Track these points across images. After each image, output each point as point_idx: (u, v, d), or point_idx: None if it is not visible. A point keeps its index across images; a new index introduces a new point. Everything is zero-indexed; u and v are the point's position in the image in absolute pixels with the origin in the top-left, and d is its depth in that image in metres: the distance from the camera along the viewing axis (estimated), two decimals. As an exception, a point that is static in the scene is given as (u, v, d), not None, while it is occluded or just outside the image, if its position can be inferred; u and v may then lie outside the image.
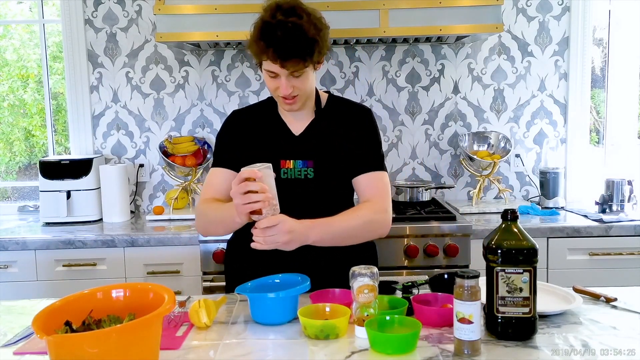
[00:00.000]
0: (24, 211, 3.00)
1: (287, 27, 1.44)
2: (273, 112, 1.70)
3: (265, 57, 1.48)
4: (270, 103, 1.72)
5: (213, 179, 1.68)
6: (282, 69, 1.48)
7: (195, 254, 2.40)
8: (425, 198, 2.77)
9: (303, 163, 1.61)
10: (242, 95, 2.95)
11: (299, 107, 1.61)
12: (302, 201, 1.60)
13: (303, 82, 1.54)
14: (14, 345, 1.27)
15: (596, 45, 3.08)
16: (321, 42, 1.50)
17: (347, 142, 1.64)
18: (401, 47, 2.93)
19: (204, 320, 1.32)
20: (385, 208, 1.61)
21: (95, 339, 0.97)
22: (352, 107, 1.72)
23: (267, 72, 1.53)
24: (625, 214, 2.59)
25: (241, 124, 1.71)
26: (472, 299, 1.13)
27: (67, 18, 2.88)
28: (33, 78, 3.16)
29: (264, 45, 1.46)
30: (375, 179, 1.63)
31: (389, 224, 1.62)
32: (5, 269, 2.43)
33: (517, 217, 1.25)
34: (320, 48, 1.50)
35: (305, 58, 1.47)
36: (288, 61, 1.46)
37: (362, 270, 1.26)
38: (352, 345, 1.21)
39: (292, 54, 1.45)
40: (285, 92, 1.52)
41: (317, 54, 1.49)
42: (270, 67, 1.50)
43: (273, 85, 1.55)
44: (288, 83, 1.51)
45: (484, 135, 2.93)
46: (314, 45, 1.47)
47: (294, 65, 1.47)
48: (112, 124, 2.97)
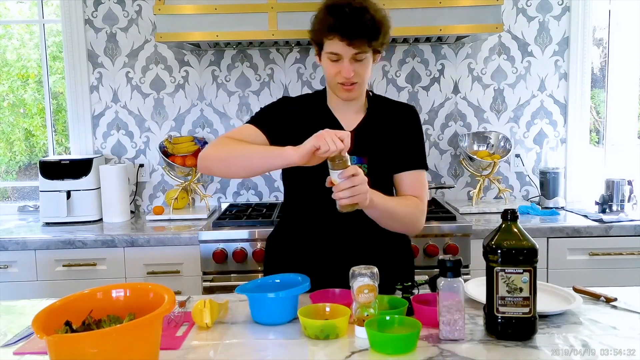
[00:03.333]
0: (24, 211, 3.00)
1: (356, 7, 1.46)
2: (323, 106, 1.69)
3: (331, 35, 1.48)
4: (320, 96, 1.71)
5: (245, 130, 1.63)
6: (347, 48, 1.48)
7: (195, 254, 2.40)
8: (425, 198, 2.77)
9: (358, 159, 1.60)
10: (242, 95, 2.95)
11: (356, 96, 1.61)
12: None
13: (364, 68, 1.54)
14: (14, 345, 1.27)
15: (596, 45, 3.08)
16: (386, 27, 1.52)
17: (397, 140, 1.66)
18: (401, 47, 2.93)
19: (206, 320, 1.32)
20: (424, 213, 1.66)
21: (95, 339, 0.97)
22: (398, 106, 1.74)
23: (329, 55, 1.52)
24: (625, 214, 2.59)
25: (293, 110, 1.68)
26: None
27: (67, 18, 2.88)
28: (33, 78, 3.16)
29: (332, 21, 1.47)
30: (419, 177, 1.67)
31: (422, 226, 1.67)
32: (5, 269, 2.43)
33: (517, 217, 1.25)
34: (385, 33, 1.52)
35: (370, 39, 1.48)
36: (355, 40, 1.47)
37: (362, 270, 1.26)
38: (352, 345, 1.21)
39: (360, 32, 1.46)
40: (347, 74, 1.51)
41: (381, 38, 1.51)
42: (333, 48, 1.50)
43: (334, 70, 1.54)
44: (350, 67, 1.51)
45: (484, 135, 2.93)
46: (380, 27, 1.49)
47: (359, 45, 1.48)
48: (112, 124, 2.97)
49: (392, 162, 1.66)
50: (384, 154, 1.64)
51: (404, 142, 1.67)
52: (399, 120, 1.68)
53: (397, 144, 1.66)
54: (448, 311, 1.21)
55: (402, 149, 1.66)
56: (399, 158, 1.66)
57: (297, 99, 1.75)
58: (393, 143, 1.66)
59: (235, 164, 1.54)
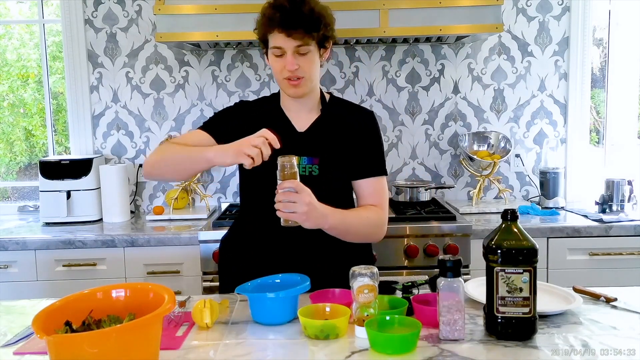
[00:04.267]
0: (24, 211, 3.00)
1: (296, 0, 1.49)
2: (276, 107, 1.70)
3: (271, 29, 1.50)
4: (274, 98, 1.72)
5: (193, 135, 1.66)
6: (288, 40, 1.49)
7: (195, 254, 2.40)
8: (425, 198, 2.77)
9: (309, 160, 1.61)
10: (242, 95, 2.95)
11: (303, 92, 1.60)
12: None
13: (308, 62, 1.54)
14: (14, 345, 1.27)
15: (596, 45, 3.08)
16: (327, 20, 1.53)
17: (352, 143, 1.65)
18: (401, 47, 2.93)
19: (206, 320, 1.32)
20: (385, 220, 1.68)
21: (95, 339, 0.97)
22: (356, 109, 1.73)
23: (273, 50, 1.54)
24: (625, 214, 2.59)
25: (246, 114, 1.70)
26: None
27: (67, 18, 2.88)
28: (33, 78, 3.16)
29: (272, 14, 1.49)
30: (378, 184, 1.67)
31: (383, 235, 1.69)
32: (5, 269, 2.43)
33: (517, 217, 1.25)
34: (326, 25, 1.53)
35: (310, 31, 1.49)
36: (294, 31, 1.48)
37: (362, 270, 1.26)
38: (352, 345, 1.21)
39: (298, 23, 1.48)
40: (291, 66, 1.52)
41: (322, 29, 1.52)
42: (275, 42, 1.52)
43: (279, 66, 1.55)
44: (294, 60, 1.52)
45: (484, 135, 2.93)
46: (320, 19, 1.51)
47: (299, 37, 1.49)
48: (112, 124, 2.97)
49: (346, 164, 1.65)
50: (337, 155, 1.64)
51: (360, 146, 1.65)
52: (355, 123, 1.67)
53: (352, 147, 1.65)
54: (448, 311, 1.21)
55: (358, 153, 1.65)
56: (356, 163, 1.65)
57: (253, 103, 1.77)
58: (347, 145, 1.65)
59: (168, 167, 1.59)
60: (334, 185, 1.64)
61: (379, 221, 1.65)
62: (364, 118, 1.70)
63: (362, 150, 1.66)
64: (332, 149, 1.63)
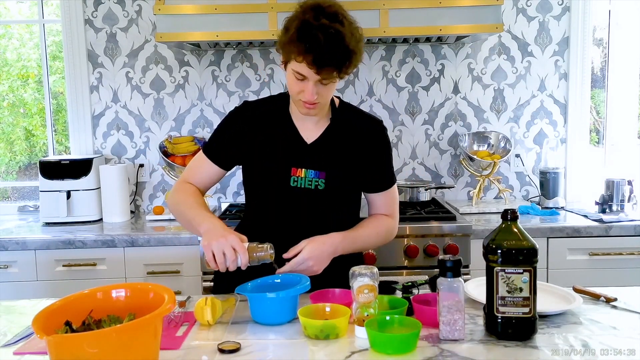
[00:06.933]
0: (24, 211, 2.99)
1: (330, 33, 1.38)
2: (284, 114, 1.64)
3: (300, 59, 1.41)
4: (283, 100, 1.66)
5: (199, 168, 1.68)
6: (313, 75, 1.43)
7: (195, 254, 2.40)
8: (425, 198, 2.77)
9: (315, 173, 1.57)
10: (242, 95, 2.95)
11: (315, 114, 1.57)
12: (309, 211, 1.59)
13: (328, 90, 1.51)
14: (14, 345, 1.27)
15: (596, 45, 3.08)
16: (358, 54, 1.46)
17: (361, 157, 1.62)
18: (401, 47, 2.93)
19: (207, 317, 1.32)
20: (396, 225, 1.72)
21: (95, 339, 0.98)
22: (366, 121, 1.66)
23: (294, 73, 1.46)
24: (625, 214, 2.59)
25: (251, 120, 1.63)
26: None
27: (67, 18, 2.88)
28: (33, 78, 3.16)
29: (304, 48, 1.39)
30: (389, 195, 1.69)
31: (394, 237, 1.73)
32: (5, 269, 2.43)
33: (517, 217, 1.25)
34: (356, 61, 1.47)
35: (341, 68, 1.44)
36: (324, 68, 1.41)
37: (362, 270, 1.26)
38: (352, 345, 1.21)
39: (330, 62, 1.41)
40: (310, 97, 1.47)
41: (352, 67, 1.47)
42: (300, 70, 1.44)
43: (297, 88, 1.48)
44: (314, 89, 1.46)
45: (484, 135, 2.93)
46: (352, 56, 1.43)
47: (328, 73, 1.43)
48: (112, 124, 2.97)
49: (354, 179, 1.63)
50: (345, 169, 1.60)
51: (370, 159, 1.63)
52: (364, 137, 1.62)
53: (361, 160, 1.62)
54: (448, 311, 1.21)
55: (368, 166, 1.63)
56: (365, 177, 1.64)
57: (259, 104, 1.68)
58: (356, 157, 1.61)
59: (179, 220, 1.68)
60: (339, 199, 1.62)
61: (390, 231, 1.69)
62: (373, 130, 1.65)
63: (372, 164, 1.63)
64: (340, 163, 1.60)
